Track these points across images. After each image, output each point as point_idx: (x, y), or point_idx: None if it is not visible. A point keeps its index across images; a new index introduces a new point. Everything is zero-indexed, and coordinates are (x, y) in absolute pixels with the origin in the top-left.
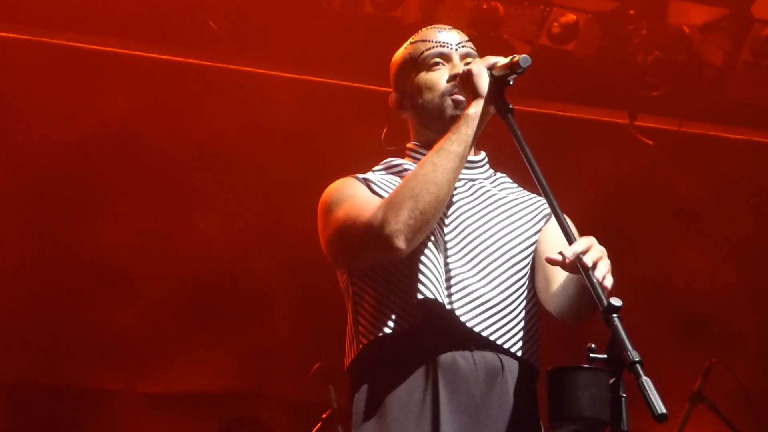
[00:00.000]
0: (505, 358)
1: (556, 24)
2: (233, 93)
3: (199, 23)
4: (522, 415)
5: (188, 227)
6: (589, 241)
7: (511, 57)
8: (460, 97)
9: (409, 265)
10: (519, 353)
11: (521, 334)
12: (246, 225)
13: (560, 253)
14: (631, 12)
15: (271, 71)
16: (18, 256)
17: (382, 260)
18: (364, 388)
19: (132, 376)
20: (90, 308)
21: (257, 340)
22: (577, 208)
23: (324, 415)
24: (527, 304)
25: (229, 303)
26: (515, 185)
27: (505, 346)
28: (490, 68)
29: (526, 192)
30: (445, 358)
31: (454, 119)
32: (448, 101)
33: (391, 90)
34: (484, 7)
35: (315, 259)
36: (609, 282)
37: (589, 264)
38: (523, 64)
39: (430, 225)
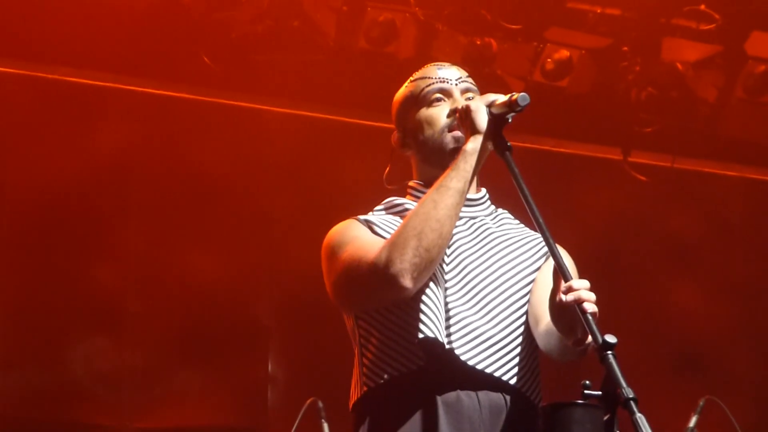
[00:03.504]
0: (508, 396)
1: (549, 60)
2: (228, 128)
3: (195, 58)
4: None
5: (183, 263)
6: (584, 282)
7: (510, 95)
8: (459, 133)
9: (410, 305)
10: (522, 390)
11: (524, 371)
12: (241, 261)
13: (565, 291)
14: (625, 48)
15: (265, 106)
16: (12, 291)
17: (388, 301)
18: (369, 426)
19: (127, 411)
20: (85, 343)
21: (251, 376)
22: (571, 243)
23: None
24: (528, 341)
25: (224, 338)
26: (516, 221)
27: (509, 383)
28: (489, 105)
29: (526, 229)
30: (449, 396)
31: (455, 153)
32: (448, 136)
33: (392, 127)
34: (478, 43)
35: (309, 295)
36: (593, 309)
37: (584, 301)
38: (522, 103)
39: (436, 262)
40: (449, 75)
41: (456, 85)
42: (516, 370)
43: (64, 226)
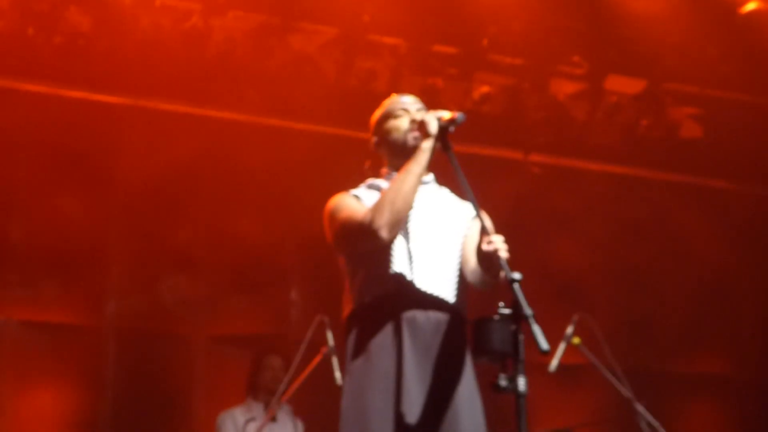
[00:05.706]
0: (447, 312)
1: (476, 92)
2: (266, 145)
3: (243, 90)
4: (456, 350)
5: (235, 227)
6: (500, 237)
7: (453, 113)
8: (416, 134)
9: (384, 249)
10: (457, 309)
11: (458, 296)
12: (272, 226)
13: (487, 242)
14: (525, 85)
15: (295, 126)
16: (127, 244)
17: (372, 247)
18: (355, 334)
19: (199, 323)
20: (172, 278)
21: (279, 299)
22: (488, 212)
23: (322, 351)
24: (461, 275)
25: (262, 275)
26: (453, 195)
27: (448, 304)
28: (438, 119)
29: (460, 200)
30: (409, 314)
31: (414, 148)
32: (409, 136)
33: (371, 136)
34: (429, 82)
35: (316, 245)
36: (505, 255)
37: (500, 249)
38: (460, 119)
39: (404, 221)
40: (409, 100)
41: (412, 106)
42: (453, 295)
43: (160, 203)
